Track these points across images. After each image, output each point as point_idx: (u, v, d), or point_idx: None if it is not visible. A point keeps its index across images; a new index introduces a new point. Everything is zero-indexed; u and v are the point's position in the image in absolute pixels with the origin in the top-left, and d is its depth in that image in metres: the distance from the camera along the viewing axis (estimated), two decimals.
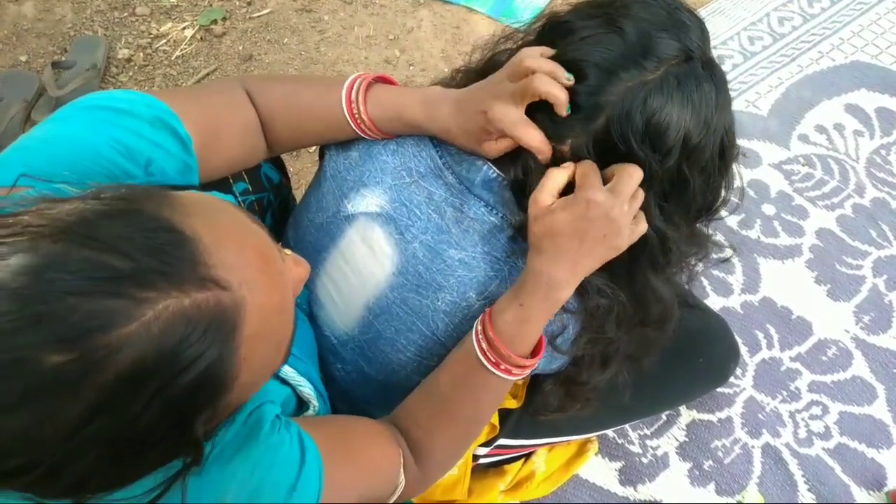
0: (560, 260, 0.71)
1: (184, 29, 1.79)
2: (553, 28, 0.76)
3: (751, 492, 1.21)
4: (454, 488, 1.05)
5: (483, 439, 1.02)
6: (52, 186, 0.51)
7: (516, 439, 1.05)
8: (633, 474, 1.23)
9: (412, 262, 0.79)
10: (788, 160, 1.60)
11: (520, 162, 0.76)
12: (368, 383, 0.88)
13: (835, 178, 1.57)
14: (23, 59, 1.71)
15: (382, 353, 0.84)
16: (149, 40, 1.76)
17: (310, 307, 0.91)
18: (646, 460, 1.24)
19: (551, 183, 0.72)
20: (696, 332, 1.10)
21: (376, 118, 0.79)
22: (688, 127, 0.70)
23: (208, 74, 1.71)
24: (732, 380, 1.29)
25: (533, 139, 0.71)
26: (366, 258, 0.82)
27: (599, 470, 1.23)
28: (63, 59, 1.69)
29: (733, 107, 1.63)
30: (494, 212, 0.77)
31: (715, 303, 1.40)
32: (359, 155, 0.84)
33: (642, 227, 0.73)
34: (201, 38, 1.77)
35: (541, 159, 0.73)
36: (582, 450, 1.21)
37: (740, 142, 1.61)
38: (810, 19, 1.84)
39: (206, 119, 0.74)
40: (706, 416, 1.28)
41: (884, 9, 1.85)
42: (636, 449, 1.25)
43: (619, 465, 1.24)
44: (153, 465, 0.48)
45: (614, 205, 0.69)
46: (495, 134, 0.74)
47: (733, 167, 0.79)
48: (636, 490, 1.21)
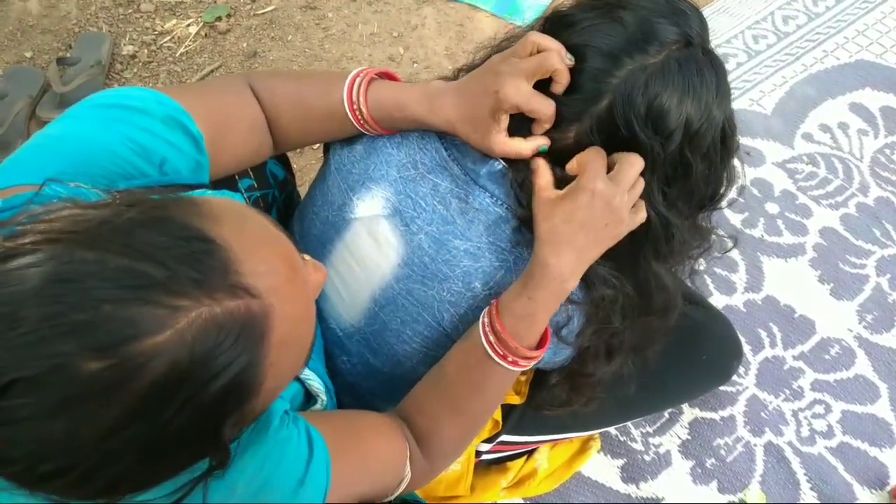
0: (566, 251, 0.71)
1: (188, 26, 1.79)
2: (556, 21, 0.77)
3: (753, 490, 1.22)
4: (457, 485, 1.05)
5: (486, 435, 1.02)
6: (75, 189, 0.51)
7: (519, 436, 1.05)
8: (635, 472, 1.23)
9: (418, 253, 0.80)
10: (792, 159, 1.60)
11: (524, 163, 0.76)
12: (374, 375, 0.88)
13: (839, 177, 1.57)
14: (27, 55, 1.72)
15: (388, 344, 0.85)
16: (153, 37, 1.77)
17: (315, 301, 0.91)
18: (648, 458, 1.24)
19: (550, 174, 0.73)
20: (699, 330, 1.10)
21: (377, 116, 0.79)
22: (689, 111, 0.71)
23: (212, 71, 1.71)
24: (735, 378, 1.29)
25: (549, 107, 0.72)
26: (371, 250, 0.83)
27: (602, 467, 1.23)
28: (68, 55, 1.69)
29: (737, 105, 1.63)
30: (500, 203, 0.78)
31: (718, 301, 1.40)
32: (364, 149, 0.84)
33: (641, 215, 0.74)
34: (205, 34, 1.78)
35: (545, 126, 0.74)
36: (584, 447, 1.21)
37: (744, 140, 1.62)
38: (815, 18, 1.84)
39: (215, 117, 0.74)
40: (709, 414, 1.28)
41: (889, 7, 1.85)
42: (638, 447, 1.25)
43: (621, 462, 1.24)
44: (181, 468, 0.49)
45: (615, 193, 0.70)
46: (503, 122, 0.73)
47: (734, 159, 0.80)
48: (638, 488, 1.22)
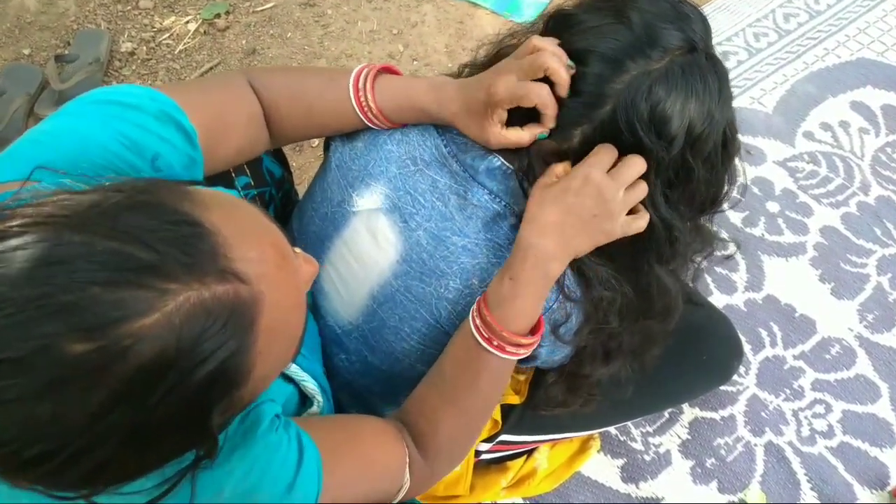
0: (548, 231, 0.71)
1: (187, 23, 1.78)
2: (559, 21, 0.77)
3: (753, 490, 1.21)
4: (456, 484, 1.05)
5: (485, 435, 1.02)
6: (64, 180, 0.51)
7: (518, 435, 1.05)
8: (635, 472, 1.23)
9: (416, 249, 0.80)
10: (793, 157, 1.59)
11: (525, 153, 0.77)
12: (372, 373, 0.88)
13: (840, 176, 1.56)
14: (26, 52, 1.71)
15: (386, 341, 0.85)
16: (152, 34, 1.76)
17: (313, 298, 0.91)
18: (648, 458, 1.24)
19: (560, 167, 0.74)
20: (699, 330, 1.10)
21: (384, 107, 0.79)
22: (692, 116, 0.71)
23: (211, 68, 1.71)
24: (735, 378, 1.29)
25: (542, 89, 0.71)
26: (370, 247, 0.83)
27: (601, 467, 1.23)
28: (66, 52, 1.69)
29: (738, 103, 1.63)
30: (498, 200, 0.78)
31: (718, 300, 1.39)
32: (364, 145, 0.84)
33: (642, 222, 0.74)
34: (205, 31, 1.77)
35: (548, 114, 0.73)
36: (584, 447, 1.21)
37: (745, 139, 1.61)
38: (816, 16, 1.83)
39: (210, 112, 0.74)
40: (709, 414, 1.28)
41: (890, 5, 1.84)
42: (638, 446, 1.25)
43: (621, 462, 1.23)
44: (168, 457, 0.49)
45: (609, 186, 0.70)
46: (497, 117, 0.74)
47: (736, 162, 0.80)
48: (638, 487, 1.21)
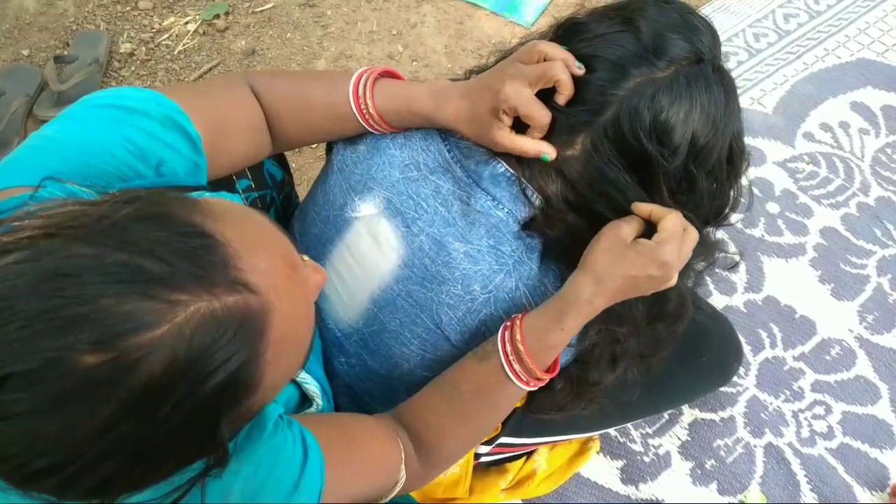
0: (609, 295, 0.72)
1: (186, 23, 1.78)
2: (569, 29, 0.77)
3: (753, 492, 1.21)
4: (456, 487, 1.05)
5: (486, 438, 1.01)
6: (71, 189, 0.51)
7: (519, 438, 1.05)
8: (634, 473, 1.22)
9: (418, 254, 0.80)
10: (793, 158, 1.59)
11: (529, 160, 0.77)
12: (371, 377, 0.88)
13: (840, 177, 1.56)
14: (25, 53, 1.71)
15: (386, 346, 0.84)
16: (151, 35, 1.76)
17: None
18: (648, 459, 1.24)
19: (637, 223, 0.73)
20: (699, 332, 1.09)
21: (384, 111, 0.79)
22: (695, 127, 0.71)
23: (211, 69, 1.70)
24: (735, 379, 1.29)
25: (544, 117, 0.72)
26: (371, 251, 0.82)
27: (601, 469, 1.22)
28: (65, 53, 1.69)
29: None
30: (501, 206, 0.78)
31: (718, 301, 1.39)
32: (367, 149, 0.84)
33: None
34: (204, 32, 1.77)
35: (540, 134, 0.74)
36: (583, 448, 1.21)
37: (745, 139, 1.60)
38: (816, 16, 1.83)
39: (213, 117, 0.74)
40: (708, 416, 1.28)
41: (890, 6, 1.84)
42: (638, 448, 1.25)
43: (620, 463, 1.23)
44: (177, 467, 0.48)
45: (679, 265, 0.72)
46: (505, 120, 0.74)
47: (743, 178, 0.80)
48: (638, 489, 1.21)
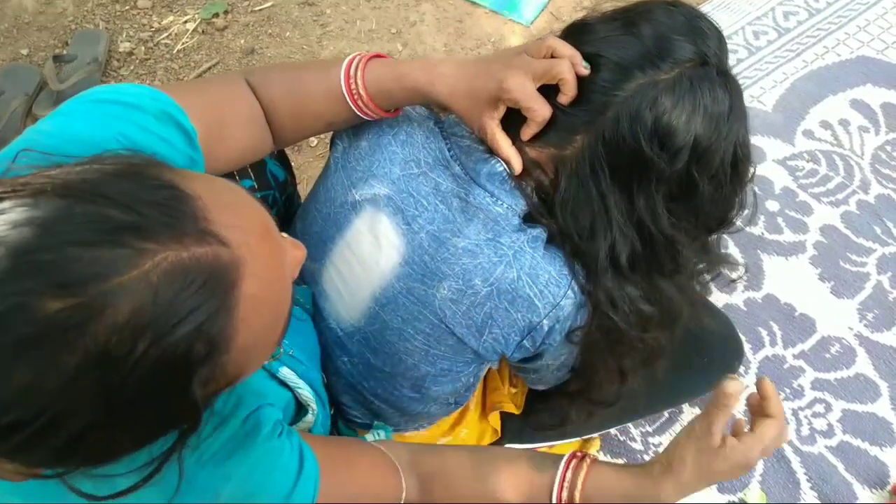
0: (688, 491, 0.72)
1: (185, 22, 1.78)
2: (576, 29, 0.77)
3: (753, 490, 1.21)
4: None
5: (486, 443, 1.02)
6: (52, 159, 0.51)
7: (520, 444, 1.05)
8: None
9: (418, 252, 0.80)
10: (793, 156, 1.59)
11: (521, 153, 0.77)
12: (374, 374, 0.88)
13: (839, 175, 1.56)
14: (24, 52, 1.71)
15: (389, 343, 0.84)
16: (150, 34, 1.76)
17: (314, 299, 0.91)
18: (648, 457, 1.24)
19: (720, 423, 0.71)
20: (699, 331, 1.09)
21: (375, 93, 0.79)
22: (698, 130, 0.71)
23: (210, 68, 1.70)
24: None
25: (545, 113, 0.72)
26: (372, 249, 0.83)
27: None
28: (64, 52, 1.68)
29: None
30: (499, 202, 0.78)
31: (718, 300, 1.39)
32: (368, 145, 0.84)
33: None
34: (203, 31, 1.77)
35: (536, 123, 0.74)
36: (583, 447, 1.21)
37: (750, 142, 1.60)
38: (816, 14, 1.83)
39: (210, 111, 0.73)
40: None
41: (890, 3, 1.84)
42: (638, 446, 1.25)
43: (621, 462, 1.23)
44: (150, 431, 0.48)
45: (758, 458, 0.71)
46: (500, 108, 0.74)
47: (748, 186, 0.80)
48: None
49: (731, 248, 1.43)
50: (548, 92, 0.73)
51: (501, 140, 0.75)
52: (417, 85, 0.77)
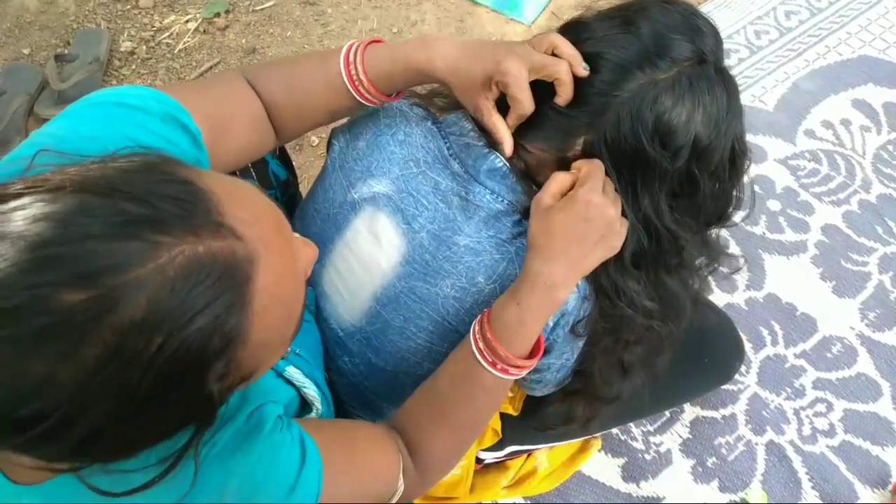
0: (557, 259, 0.71)
1: (187, 22, 1.78)
2: (574, 27, 0.77)
3: (754, 489, 1.21)
4: (456, 487, 1.05)
5: (486, 444, 1.02)
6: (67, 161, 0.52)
7: (521, 445, 1.05)
8: (636, 471, 1.22)
9: (419, 251, 0.80)
10: (794, 155, 1.59)
11: (522, 157, 0.77)
12: (377, 374, 0.88)
13: (841, 174, 1.56)
14: (25, 51, 1.71)
15: (391, 342, 0.85)
16: (152, 33, 1.76)
17: (315, 300, 0.91)
18: (649, 457, 1.24)
19: (555, 185, 0.73)
20: (701, 330, 1.09)
21: (376, 77, 0.78)
22: (698, 128, 0.71)
23: (211, 68, 1.70)
24: (737, 377, 1.29)
25: (527, 107, 0.73)
26: (372, 248, 0.83)
27: (602, 466, 1.22)
28: (66, 52, 1.68)
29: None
30: (500, 199, 0.78)
31: (720, 299, 1.39)
32: (366, 145, 0.84)
33: (624, 228, 0.74)
34: (204, 30, 1.77)
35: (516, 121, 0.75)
36: (585, 446, 1.21)
37: (746, 137, 1.60)
38: (817, 13, 1.83)
39: (213, 112, 0.74)
40: (710, 413, 1.28)
41: (892, 3, 1.84)
42: (639, 445, 1.25)
43: (622, 461, 1.23)
44: (166, 426, 0.48)
45: (609, 204, 0.70)
46: (494, 90, 0.74)
47: (745, 178, 0.80)
48: (639, 487, 1.21)
49: (733, 248, 1.43)
50: (546, 92, 0.73)
51: (497, 120, 0.75)
52: (417, 64, 0.77)
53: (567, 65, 0.71)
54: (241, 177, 0.88)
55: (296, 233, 0.90)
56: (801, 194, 1.53)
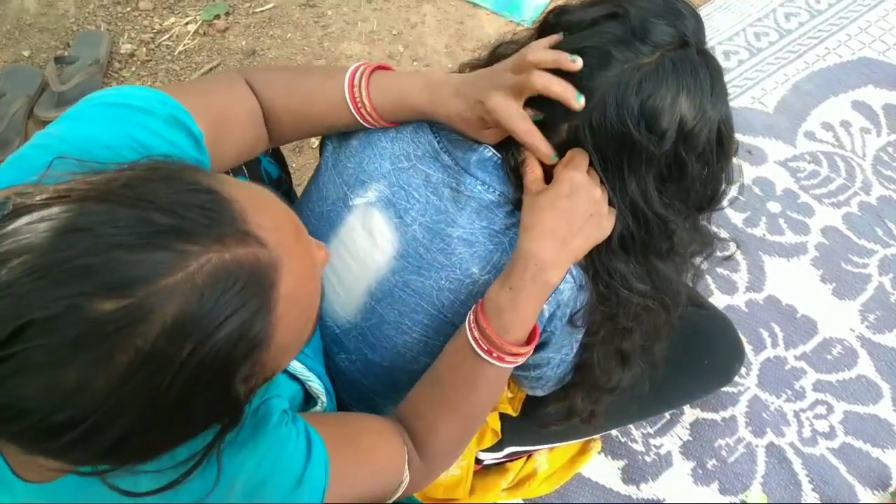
0: (545, 240, 0.71)
1: (187, 24, 1.78)
2: (555, 18, 0.78)
3: (754, 491, 1.21)
4: (456, 488, 1.05)
5: (486, 445, 1.02)
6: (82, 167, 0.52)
7: (521, 446, 1.05)
8: (636, 473, 1.22)
9: (412, 244, 0.80)
10: (794, 157, 1.59)
11: (513, 148, 0.78)
12: (373, 370, 0.88)
13: (841, 176, 1.56)
14: (25, 53, 1.71)
15: (387, 337, 0.85)
16: (152, 35, 1.76)
17: None
18: (649, 459, 1.23)
19: (538, 170, 0.75)
20: (700, 332, 1.09)
21: (378, 105, 0.80)
22: (683, 111, 0.71)
23: (211, 70, 1.70)
24: (737, 379, 1.29)
25: (529, 136, 0.73)
26: (366, 244, 0.83)
27: (602, 469, 1.22)
28: (66, 54, 1.69)
29: (739, 103, 1.61)
30: (491, 189, 0.78)
31: (720, 301, 1.39)
32: (359, 143, 0.85)
33: (613, 214, 0.75)
34: (204, 33, 1.77)
35: (537, 157, 0.75)
36: (585, 448, 1.20)
37: (746, 138, 1.61)
38: (817, 15, 1.83)
39: (214, 114, 0.74)
40: (710, 415, 1.27)
41: (891, 4, 1.84)
42: (639, 447, 1.24)
43: (622, 463, 1.23)
44: (192, 428, 0.49)
45: (595, 185, 0.72)
46: (491, 124, 0.75)
47: (733, 160, 0.80)
48: (639, 489, 1.21)
49: (733, 247, 1.43)
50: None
51: (525, 135, 0.74)
52: (418, 106, 0.79)
53: (541, 74, 0.71)
54: (232, 174, 0.88)
55: None
56: (801, 196, 1.53)
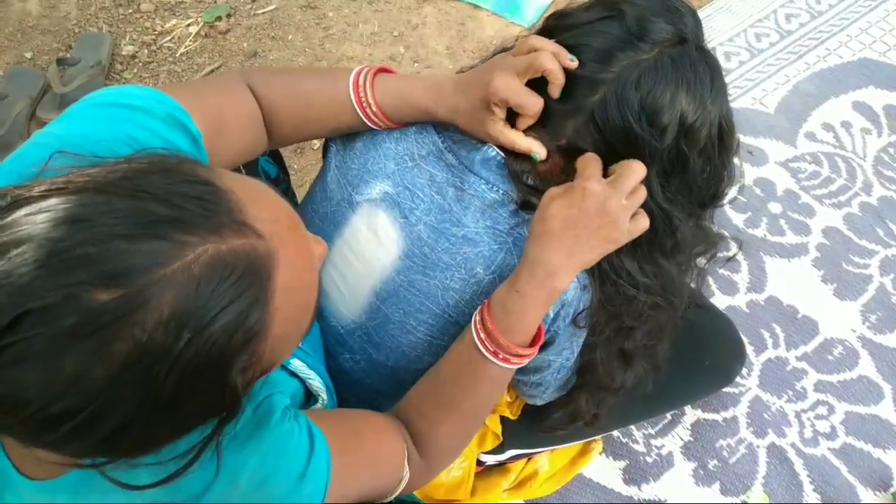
0: (554, 247, 0.72)
1: (188, 26, 1.78)
2: (556, 20, 0.79)
3: (756, 492, 1.21)
4: (458, 489, 1.05)
5: (488, 447, 1.02)
6: (81, 161, 0.52)
7: (522, 448, 1.05)
8: (637, 474, 1.22)
9: (417, 244, 0.81)
10: (795, 158, 1.59)
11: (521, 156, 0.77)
12: (378, 370, 0.89)
13: (842, 177, 1.56)
14: (28, 55, 1.72)
15: (391, 336, 0.85)
16: (153, 37, 1.76)
17: None
18: (650, 460, 1.24)
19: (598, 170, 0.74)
20: (702, 333, 1.09)
21: (384, 105, 0.80)
22: (683, 106, 0.72)
23: (213, 71, 1.71)
24: (738, 379, 1.29)
25: (535, 105, 0.74)
26: (371, 244, 0.83)
27: (603, 469, 1.22)
28: (68, 55, 1.69)
29: (739, 104, 1.61)
30: (495, 189, 0.79)
31: (721, 301, 1.39)
32: (363, 145, 0.85)
33: (643, 223, 0.74)
34: (206, 34, 1.77)
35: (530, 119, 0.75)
36: (586, 449, 1.21)
37: (747, 139, 1.61)
38: (818, 16, 1.83)
39: (213, 114, 0.75)
40: (711, 416, 1.28)
41: (892, 5, 1.84)
42: (640, 448, 1.24)
43: (623, 464, 1.23)
44: (190, 420, 0.49)
45: (611, 196, 0.71)
46: (497, 112, 0.75)
47: (734, 158, 0.81)
48: (640, 489, 1.21)
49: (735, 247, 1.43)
50: (539, 88, 0.74)
51: (513, 136, 0.76)
52: (423, 106, 0.80)
53: (549, 53, 0.72)
54: None
55: None
56: (802, 197, 1.53)
